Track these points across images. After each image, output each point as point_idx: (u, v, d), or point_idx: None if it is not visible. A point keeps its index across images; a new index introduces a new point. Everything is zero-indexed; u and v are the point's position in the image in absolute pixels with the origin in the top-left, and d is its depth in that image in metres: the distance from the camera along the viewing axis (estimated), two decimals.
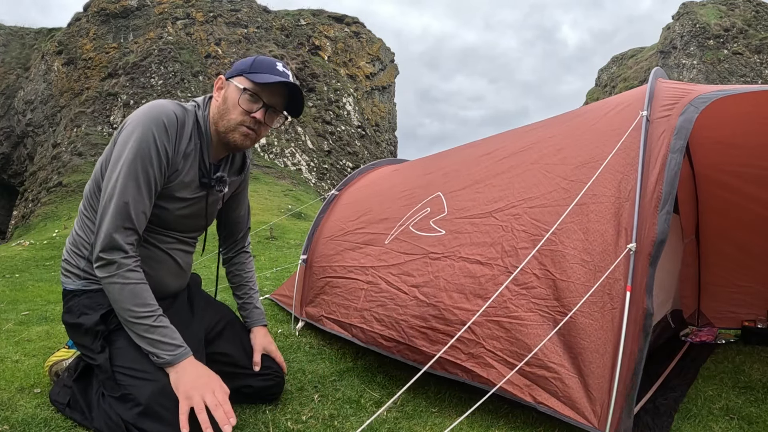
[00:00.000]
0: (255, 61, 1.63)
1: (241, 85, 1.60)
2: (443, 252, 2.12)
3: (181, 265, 1.75)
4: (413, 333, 2.03)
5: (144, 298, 1.48)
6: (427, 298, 2.04)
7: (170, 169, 1.57)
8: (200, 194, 1.69)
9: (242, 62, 1.65)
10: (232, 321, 1.95)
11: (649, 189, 1.70)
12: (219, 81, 1.66)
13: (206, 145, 1.65)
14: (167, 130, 1.53)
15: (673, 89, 1.95)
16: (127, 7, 20.95)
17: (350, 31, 24.55)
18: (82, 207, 1.66)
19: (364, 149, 21.83)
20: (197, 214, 1.74)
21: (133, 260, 1.49)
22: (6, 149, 21.41)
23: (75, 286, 1.63)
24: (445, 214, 2.28)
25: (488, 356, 1.77)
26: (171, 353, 1.46)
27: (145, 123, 1.50)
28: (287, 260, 6.24)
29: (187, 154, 1.61)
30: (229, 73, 1.65)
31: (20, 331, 2.83)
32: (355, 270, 2.53)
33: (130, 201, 1.48)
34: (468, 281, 1.94)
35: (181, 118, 1.59)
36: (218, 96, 1.66)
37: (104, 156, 1.59)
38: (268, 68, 1.62)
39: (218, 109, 1.64)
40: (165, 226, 1.66)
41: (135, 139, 1.49)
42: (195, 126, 1.64)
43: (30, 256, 7.85)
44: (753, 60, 24.98)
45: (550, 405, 1.63)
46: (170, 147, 1.54)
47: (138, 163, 1.48)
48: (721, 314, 3.33)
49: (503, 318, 1.79)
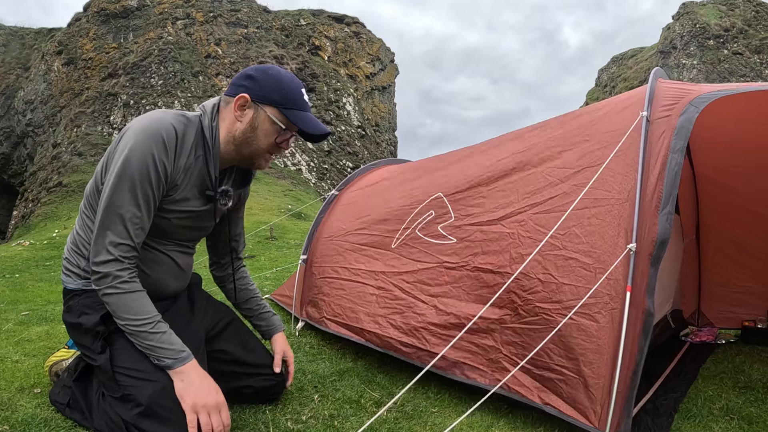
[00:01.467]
0: (286, 91, 1.57)
1: (275, 119, 1.56)
2: (458, 262, 2.14)
3: (181, 266, 1.75)
4: (435, 341, 2.05)
5: (140, 307, 1.47)
6: (447, 307, 2.07)
7: (168, 184, 1.54)
8: (203, 208, 1.66)
9: (269, 83, 1.57)
10: (233, 320, 1.95)
11: (650, 189, 1.70)
12: (242, 99, 1.56)
13: (212, 157, 1.60)
14: (166, 147, 1.50)
15: (673, 89, 1.95)
16: (127, 7, 20.96)
17: (350, 31, 24.56)
18: (83, 206, 1.65)
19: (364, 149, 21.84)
20: (197, 226, 1.72)
21: (129, 272, 1.48)
22: (6, 149, 21.42)
23: (75, 285, 1.63)
24: (453, 219, 2.28)
25: (505, 360, 1.83)
26: (171, 358, 1.46)
27: (144, 140, 1.47)
28: (287, 260, 6.24)
29: (188, 167, 1.58)
30: (256, 96, 1.56)
31: (20, 331, 2.83)
32: (361, 273, 2.53)
33: (127, 218, 1.46)
34: (485, 291, 1.98)
35: (181, 132, 1.55)
36: (240, 116, 1.58)
37: (105, 158, 1.58)
38: (300, 103, 1.59)
39: (243, 133, 1.59)
40: (164, 235, 1.65)
41: (133, 156, 1.46)
42: (199, 137, 1.59)
43: (30, 256, 7.86)
44: (753, 60, 24.99)
45: (555, 405, 1.65)
46: (169, 163, 1.51)
47: (136, 180, 1.46)
48: (721, 314, 3.33)
49: (517, 324, 1.84)
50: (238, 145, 1.61)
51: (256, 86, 1.56)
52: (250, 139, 1.59)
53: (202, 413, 1.43)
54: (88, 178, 16.28)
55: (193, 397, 1.43)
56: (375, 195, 2.99)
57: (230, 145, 1.62)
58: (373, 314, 2.33)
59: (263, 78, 1.58)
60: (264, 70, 1.60)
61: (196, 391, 1.44)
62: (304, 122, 1.59)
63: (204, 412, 1.43)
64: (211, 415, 1.43)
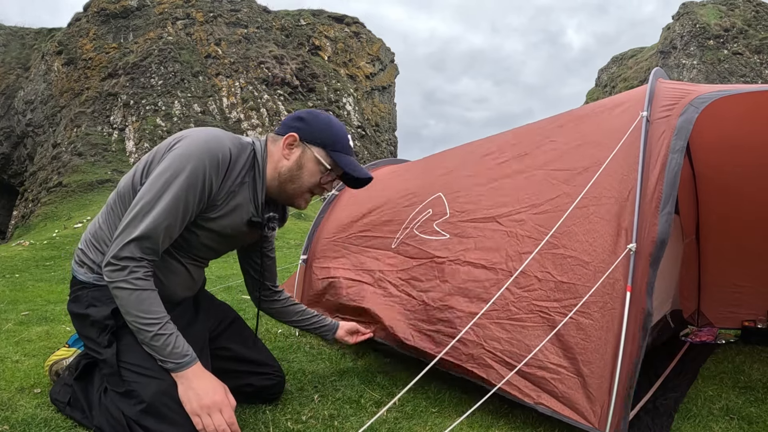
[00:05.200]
0: (335, 135, 1.65)
1: (321, 159, 1.63)
2: (448, 256, 2.15)
3: (194, 277, 1.76)
4: (420, 336, 2.06)
5: (150, 305, 1.46)
6: (434, 302, 2.07)
7: (208, 203, 1.55)
8: (240, 231, 1.67)
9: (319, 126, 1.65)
10: (235, 319, 1.96)
11: (649, 189, 1.70)
12: (291, 138, 1.63)
13: (261, 183, 1.64)
14: (219, 167, 1.52)
15: (673, 89, 1.95)
16: (127, 7, 20.96)
17: (350, 31, 24.56)
18: (112, 201, 1.62)
19: (364, 149, 21.83)
20: (219, 248, 1.74)
21: (144, 270, 1.47)
22: (6, 149, 21.42)
23: (87, 278, 1.61)
24: (448, 216, 2.29)
25: (487, 357, 1.80)
26: (174, 362, 1.46)
27: (201, 154, 1.48)
28: (287, 260, 6.24)
29: (231, 191, 1.59)
30: (306, 136, 1.64)
31: (20, 331, 2.83)
32: (362, 274, 2.54)
33: (162, 226, 1.46)
34: (473, 285, 1.97)
35: (235, 156, 1.57)
36: (288, 154, 1.64)
37: (150, 158, 1.56)
38: (347, 148, 1.68)
39: (289, 171, 1.64)
40: (187, 249, 1.65)
41: (188, 168, 1.46)
42: (250, 163, 1.62)
43: (30, 256, 7.86)
44: (753, 60, 24.99)
45: (549, 405, 1.64)
46: (216, 184, 1.53)
47: (183, 195, 1.46)
48: (721, 314, 3.33)
49: (505, 320, 1.81)
50: (283, 182, 1.66)
51: (306, 127, 1.65)
52: (295, 177, 1.65)
53: (203, 416, 1.43)
54: (88, 177, 16.28)
55: (194, 402, 1.43)
56: (376, 196, 2.99)
57: (274, 181, 1.66)
58: (374, 313, 2.33)
59: (313, 120, 1.66)
60: (315, 114, 1.69)
61: (196, 395, 1.44)
62: (349, 166, 1.67)
63: (205, 415, 1.43)
64: (212, 415, 1.43)
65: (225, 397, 1.48)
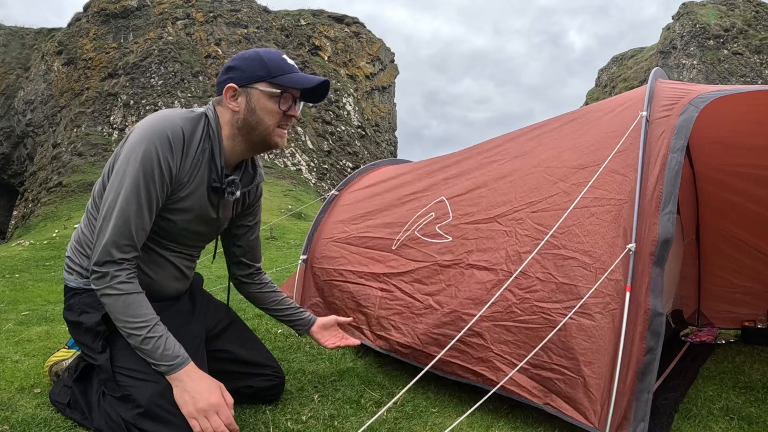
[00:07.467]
0: (268, 62, 1.57)
1: (270, 90, 1.56)
2: (452, 260, 2.14)
3: (183, 270, 1.74)
4: (427, 339, 2.06)
5: (137, 309, 1.46)
6: (441, 306, 2.07)
7: (174, 184, 1.53)
8: (208, 203, 1.63)
9: (249, 64, 1.58)
10: (234, 320, 1.95)
11: (649, 189, 1.70)
12: (230, 90, 1.57)
13: (218, 151, 1.59)
14: (172, 147, 1.48)
15: (673, 89, 1.95)
16: (127, 7, 20.96)
17: (350, 31, 24.56)
18: (90, 206, 1.63)
19: (364, 149, 21.84)
20: (201, 230, 1.69)
21: (127, 273, 1.47)
22: (6, 149, 21.42)
23: (77, 284, 1.62)
24: (450, 219, 2.28)
25: (497, 360, 1.81)
26: (166, 364, 1.45)
27: (150, 138, 1.46)
28: (287, 260, 6.25)
29: (195, 164, 1.56)
30: (242, 80, 1.56)
31: (20, 331, 2.83)
32: (365, 276, 2.53)
33: (130, 218, 1.45)
34: (476, 287, 1.97)
35: (189, 131, 1.54)
36: (236, 106, 1.58)
37: (112, 158, 1.56)
38: (286, 67, 1.60)
39: (244, 120, 1.58)
40: (168, 238, 1.63)
41: (139, 155, 1.45)
42: (206, 132, 1.58)
43: (30, 256, 7.86)
44: (753, 60, 24.99)
45: (555, 405, 1.65)
46: (174, 164, 1.50)
47: (140, 180, 1.45)
48: (721, 314, 3.33)
49: (510, 322, 1.82)
50: (246, 134, 1.60)
51: (238, 72, 1.58)
52: (253, 123, 1.58)
53: (200, 418, 1.42)
54: (88, 178, 16.29)
55: (190, 405, 1.43)
56: (376, 196, 2.99)
57: (237, 137, 1.61)
58: (378, 317, 2.33)
59: (242, 62, 1.59)
60: (241, 55, 1.62)
61: (192, 398, 1.43)
62: (297, 82, 1.58)
63: (202, 417, 1.42)
64: (209, 417, 1.43)
65: (221, 397, 1.47)
